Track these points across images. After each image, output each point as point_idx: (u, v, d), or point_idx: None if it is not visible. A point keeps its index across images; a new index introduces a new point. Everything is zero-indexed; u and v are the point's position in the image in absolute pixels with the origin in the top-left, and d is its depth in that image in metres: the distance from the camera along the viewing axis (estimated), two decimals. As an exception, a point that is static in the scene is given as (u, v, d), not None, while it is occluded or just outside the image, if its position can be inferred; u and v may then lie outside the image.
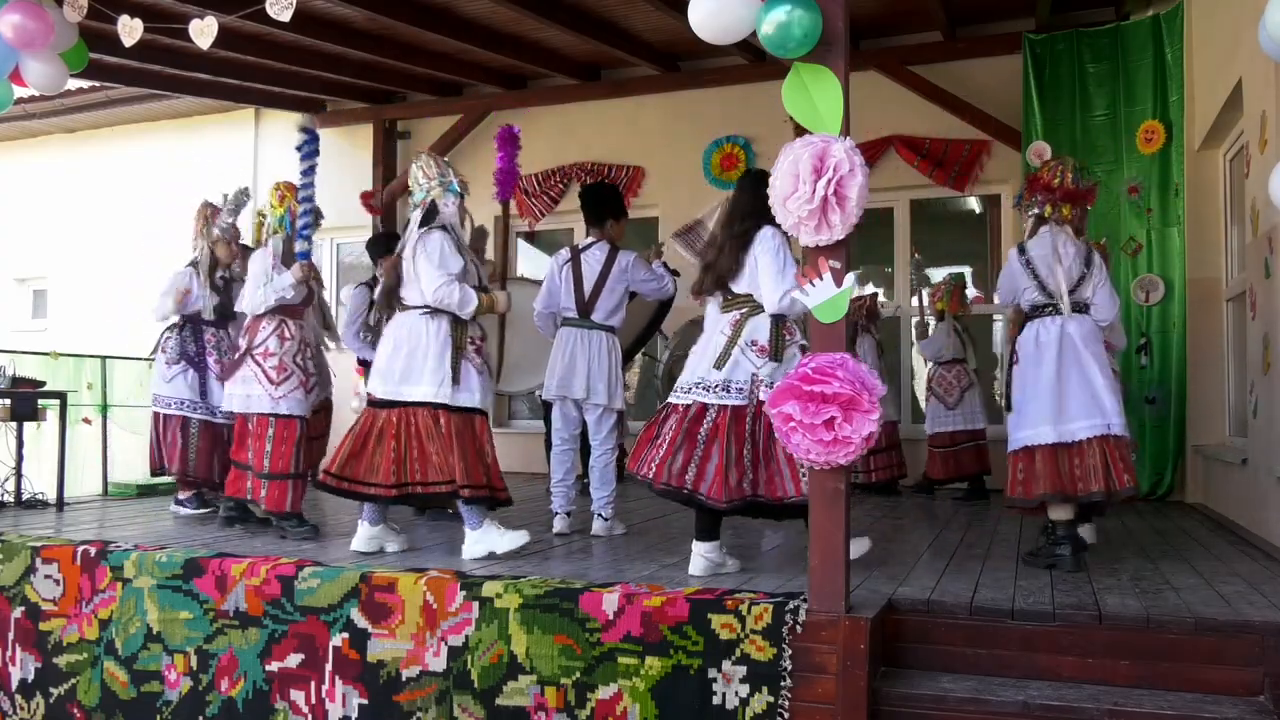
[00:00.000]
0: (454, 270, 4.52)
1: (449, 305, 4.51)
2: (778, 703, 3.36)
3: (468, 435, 4.50)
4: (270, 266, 5.22)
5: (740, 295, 4.21)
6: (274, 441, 5.12)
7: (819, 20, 3.27)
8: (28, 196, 11.64)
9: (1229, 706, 3.21)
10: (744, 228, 4.20)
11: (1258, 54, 4.34)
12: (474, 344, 4.60)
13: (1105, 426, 4.35)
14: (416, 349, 4.53)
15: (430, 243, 4.55)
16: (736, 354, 4.09)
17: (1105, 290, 4.54)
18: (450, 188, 4.67)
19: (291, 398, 5.18)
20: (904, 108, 8.21)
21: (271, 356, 5.18)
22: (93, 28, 5.56)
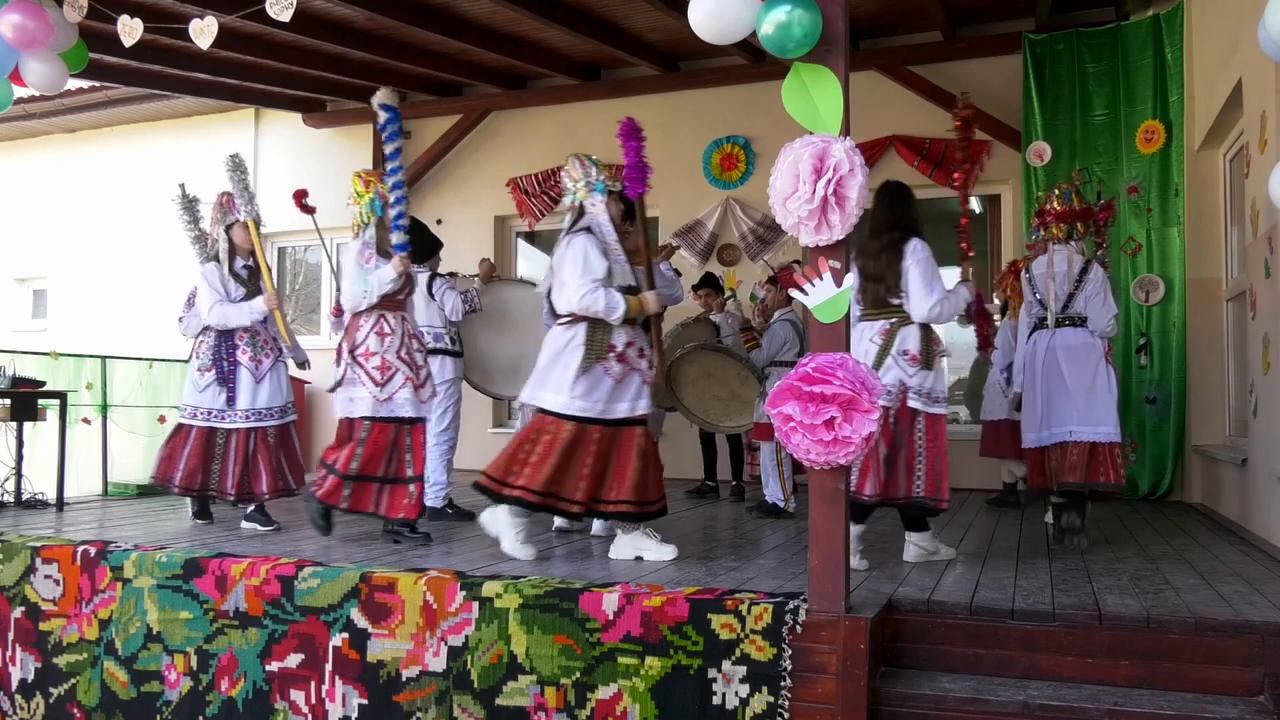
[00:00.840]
0: (598, 275, 4.37)
1: (595, 311, 4.35)
2: (778, 703, 3.36)
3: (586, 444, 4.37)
4: (365, 260, 4.88)
5: (891, 305, 4.42)
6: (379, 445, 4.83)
7: (819, 20, 3.27)
8: (28, 196, 11.65)
9: (1229, 706, 3.20)
10: (893, 239, 4.40)
11: (1258, 54, 4.35)
12: (614, 352, 4.40)
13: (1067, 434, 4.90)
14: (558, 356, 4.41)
15: (573, 248, 4.42)
16: (889, 362, 4.35)
17: (1097, 302, 4.96)
18: (596, 187, 4.56)
19: (398, 398, 4.86)
20: (904, 108, 8.21)
21: (373, 356, 4.85)
22: (93, 28, 5.57)
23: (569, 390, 4.34)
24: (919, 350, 4.35)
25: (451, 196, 9.62)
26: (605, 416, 4.38)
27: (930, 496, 4.33)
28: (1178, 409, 7.10)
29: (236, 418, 5.54)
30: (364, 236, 4.94)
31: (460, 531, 5.33)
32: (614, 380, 4.39)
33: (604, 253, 4.43)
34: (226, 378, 5.52)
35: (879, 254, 4.45)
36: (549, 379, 4.41)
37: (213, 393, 5.53)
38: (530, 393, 4.48)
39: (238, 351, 5.54)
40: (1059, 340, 4.97)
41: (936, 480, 4.34)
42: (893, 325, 4.41)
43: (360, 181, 4.99)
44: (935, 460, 4.35)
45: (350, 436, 4.89)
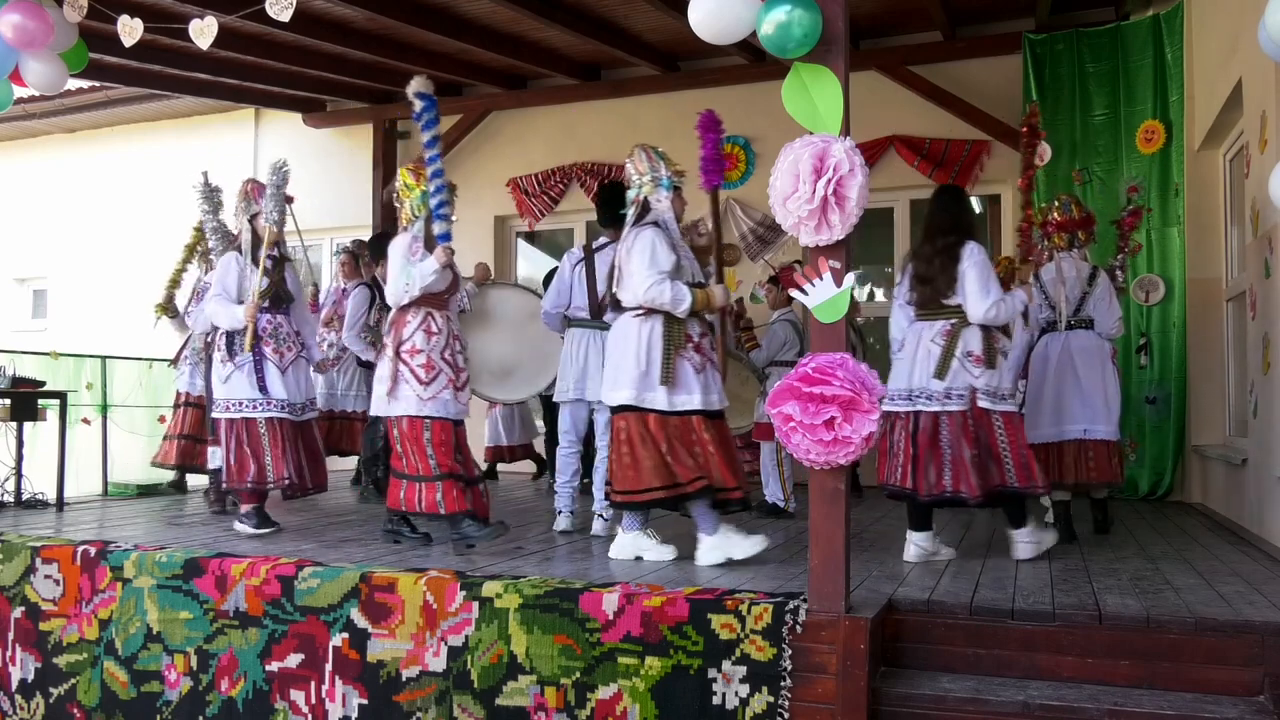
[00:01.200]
0: (665, 268, 4.34)
1: (661, 304, 4.33)
2: (778, 703, 3.36)
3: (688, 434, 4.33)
4: (413, 254, 4.74)
5: (949, 306, 4.47)
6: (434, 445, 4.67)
7: (819, 20, 3.27)
8: (28, 196, 11.66)
9: (1229, 706, 3.21)
10: (948, 242, 4.48)
11: (1258, 54, 4.34)
12: (692, 342, 4.38)
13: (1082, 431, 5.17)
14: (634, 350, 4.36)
15: (641, 240, 4.39)
16: (955, 365, 4.41)
17: (1104, 306, 5.27)
18: (663, 183, 4.52)
19: (442, 397, 4.72)
20: (904, 108, 8.21)
21: (419, 354, 4.71)
22: (93, 28, 5.57)
23: (658, 385, 4.30)
24: (982, 350, 4.42)
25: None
26: (704, 408, 4.36)
27: (1025, 485, 4.41)
28: (1178, 409, 7.10)
29: (271, 407, 5.29)
30: (413, 230, 4.82)
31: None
32: (695, 370, 4.36)
33: (672, 247, 4.41)
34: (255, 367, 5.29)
35: (932, 257, 4.52)
36: (635, 377, 4.34)
37: (238, 382, 5.28)
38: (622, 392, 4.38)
39: (261, 343, 5.33)
40: (1072, 342, 5.22)
41: (1026, 470, 4.41)
42: (954, 326, 4.47)
43: (410, 174, 4.86)
44: (1020, 451, 4.43)
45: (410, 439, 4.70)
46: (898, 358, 4.66)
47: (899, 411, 4.52)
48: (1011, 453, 4.42)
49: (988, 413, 4.43)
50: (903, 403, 4.52)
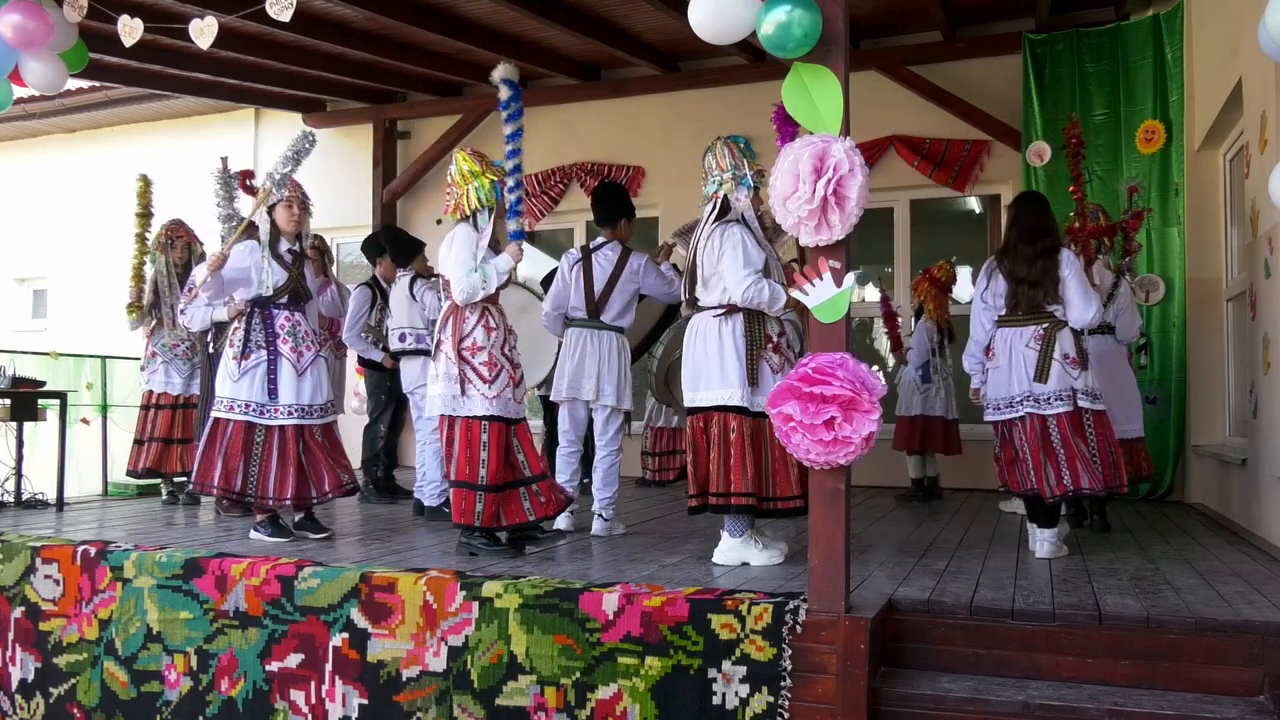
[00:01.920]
0: (759, 266, 4.27)
1: (759, 303, 4.26)
2: (778, 703, 3.36)
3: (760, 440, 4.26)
4: (480, 248, 4.51)
5: (1043, 310, 4.63)
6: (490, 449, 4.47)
7: (819, 20, 3.27)
8: (28, 196, 11.66)
9: (1229, 706, 3.21)
10: (1047, 245, 4.63)
11: (1258, 54, 4.35)
12: (771, 342, 4.32)
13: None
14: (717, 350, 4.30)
15: (730, 237, 4.29)
16: (1056, 368, 4.56)
17: (1127, 314, 5.51)
18: (744, 181, 4.41)
19: (505, 397, 4.52)
20: (904, 108, 8.21)
21: (480, 351, 4.50)
22: (93, 28, 5.57)
23: (742, 384, 4.26)
24: (1076, 353, 4.58)
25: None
26: None
27: (1111, 485, 4.59)
28: (1178, 409, 7.10)
29: (279, 414, 5.01)
30: (481, 222, 4.57)
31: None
32: (775, 371, 4.29)
33: (759, 244, 4.35)
34: (269, 367, 5.00)
35: (1034, 259, 4.62)
36: (722, 376, 4.29)
37: (249, 383, 4.97)
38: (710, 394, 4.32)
39: (278, 340, 5.04)
40: (1093, 347, 5.27)
41: (1115, 470, 4.60)
42: (1047, 330, 4.61)
43: (475, 160, 4.61)
44: (1109, 450, 4.61)
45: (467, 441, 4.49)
46: (992, 367, 4.77)
47: (1010, 418, 4.69)
48: (1101, 453, 4.59)
49: (1084, 412, 4.59)
50: (1008, 410, 4.69)
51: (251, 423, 4.99)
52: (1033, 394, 4.59)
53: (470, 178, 4.58)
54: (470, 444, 4.48)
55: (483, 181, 4.56)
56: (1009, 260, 4.70)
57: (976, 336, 4.86)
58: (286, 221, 5.11)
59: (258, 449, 4.99)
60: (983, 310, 4.81)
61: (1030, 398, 4.60)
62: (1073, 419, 4.56)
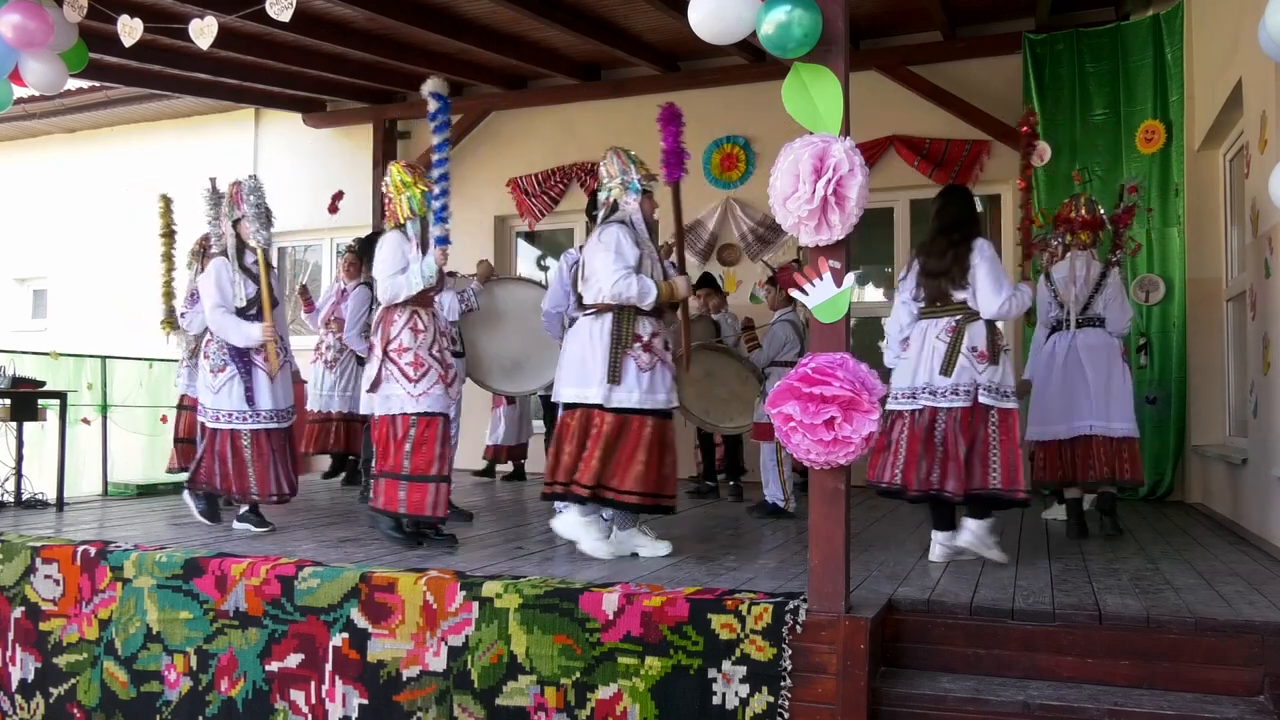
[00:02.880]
0: (630, 262, 4.43)
1: (628, 297, 4.41)
2: (778, 703, 3.36)
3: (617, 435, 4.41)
4: (408, 253, 4.79)
5: (954, 302, 4.49)
6: (414, 442, 4.71)
7: (819, 20, 3.27)
8: (28, 196, 11.65)
9: (1229, 706, 3.21)
10: (960, 235, 4.51)
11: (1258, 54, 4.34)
12: (640, 341, 4.45)
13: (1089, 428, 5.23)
14: (584, 349, 4.47)
15: (606, 236, 4.49)
16: (962, 361, 4.40)
17: (1116, 305, 5.32)
18: (632, 186, 4.60)
19: (432, 394, 4.76)
20: (904, 108, 8.21)
21: (406, 352, 4.77)
22: (93, 28, 5.57)
23: (603, 383, 4.39)
24: (986, 346, 4.41)
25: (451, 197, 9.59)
26: (644, 406, 4.42)
27: (1007, 488, 4.37)
28: (1178, 409, 7.10)
29: (260, 419, 5.36)
30: (410, 229, 4.86)
31: (460, 532, 5.33)
32: (643, 370, 4.42)
33: (636, 243, 4.49)
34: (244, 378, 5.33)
35: (944, 251, 4.52)
36: (584, 373, 4.45)
37: (228, 393, 5.33)
38: (569, 390, 4.50)
39: (250, 350, 5.36)
40: (1080, 340, 5.27)
41: (1011, 472, 4.38)
42: (959, 323, 4.45)
43: (406, 171, 4.92)
44: (1009, 453, 4.38)
45: (394, 436, 4.75)
46: (902, 358, 4.63)
47: (902, 410, 4.51)
48: (1001, 454, 4.37)
49: (986, 409, 4.41)
50: (906, 401, 4.52)
51: (236, 429, 5.34)
52: (932, 386, 4.42)
53: (403, 188, 4.88)
54: (395, 438, 4.72)
55: (414, 192, 4.85)
56: (923, 254, 4.63)
57: (891, 332, 4.75)
58: (248, 234, 5.38)
59: (247, 453, 5.35)
60: (902, 306, 4.67)
61: (929, 390, 4.43)
62: (967, 415, 4.37)
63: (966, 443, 4.37)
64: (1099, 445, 5.21)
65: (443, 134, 4.70)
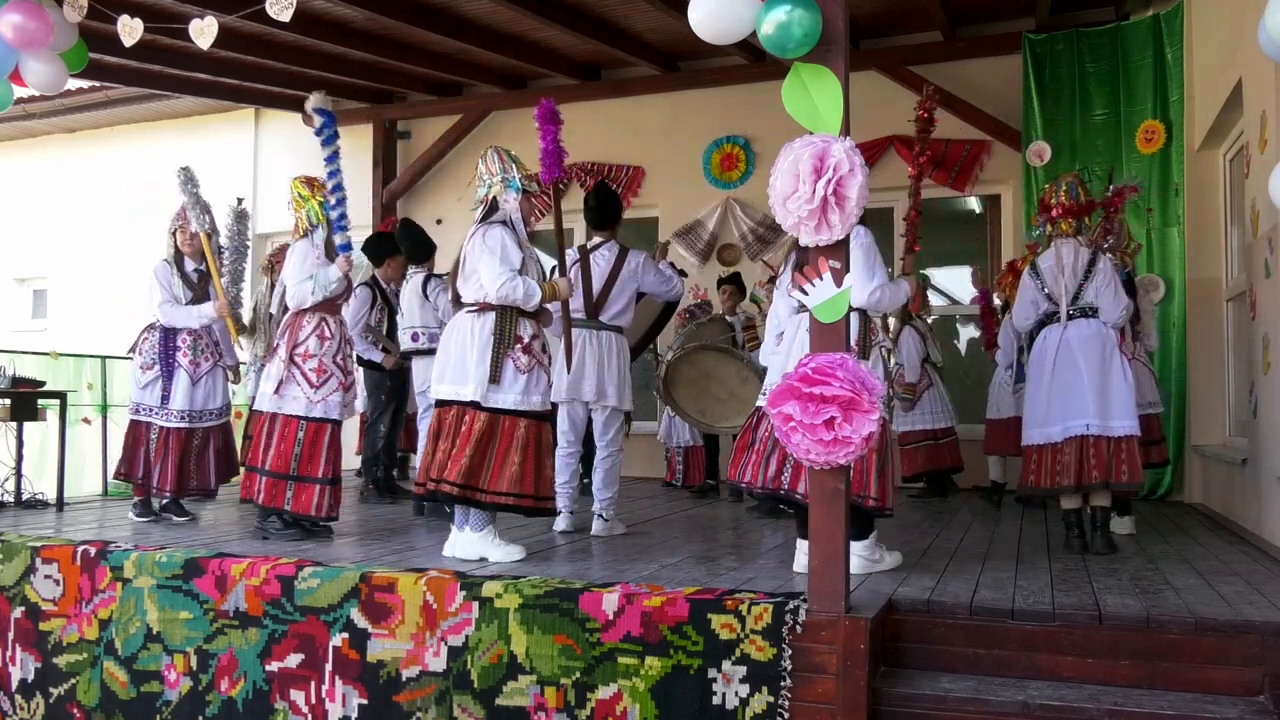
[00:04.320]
0: (515, 264, 4.46)
1: (514, 299, 4.42)
2: (778, 703, 3.36)
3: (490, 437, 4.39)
4: (314, 260, 5.06)
5: None
6: (304, 444, 4.96)
7: (819, 20, 3.27)
8: (28, 196, 11.65)
9: (1229, 706, 3.21)
10: None
11: (1258, 54, 4.34)
12: (521, 343, 4.46)
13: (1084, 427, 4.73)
14: (464, 347, 4.46)
15: (490, 237, 4.49)
16: None
17: (1109, 293, 4.83)
18: (511, 184, 4.63)
19: (329, 401, 5.02)
20: (904, 108, 8.16)
21: (311, 358, 5.01)
22: (93, 28, 5.57)
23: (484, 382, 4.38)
24: (856, 339, 4.07)
25: (451, 196, 9.60)
26: (521, 408, 4.43)
27: (857, 494, 4.00)
28: (1178, 409, 7.10)
29: (171, 417, 5.68)
30: (314, 238, 5.13)
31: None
32: (520, 371, 4.44)
33: (519, 245, 4.55)
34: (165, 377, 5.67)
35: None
36: (461, 371, 4.44)
37: (150, 390, 5.68)
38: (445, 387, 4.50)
39: (178, 353, 5.70)
40: (1072, 333, 4.82)
41: (865, 477, 4.06)
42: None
43: (303, 185, 5.17)
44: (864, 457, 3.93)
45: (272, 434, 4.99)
46: (775, 352, 4.37)
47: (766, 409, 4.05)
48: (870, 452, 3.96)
49: None
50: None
51: (149, 423, 5.72)
52: None
53: (302, 202, 5.16)
54: (285, 439, 4.97)
55: (312, 204, 5.13)
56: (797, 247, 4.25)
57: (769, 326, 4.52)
58: (184, 245, 5.77)
59: (152, 445, 5.70)
60: (780, 299, 4.43)
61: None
62: None
63: None
64: (1094, 446, 4.71)
65: (332, 145, 4.97)
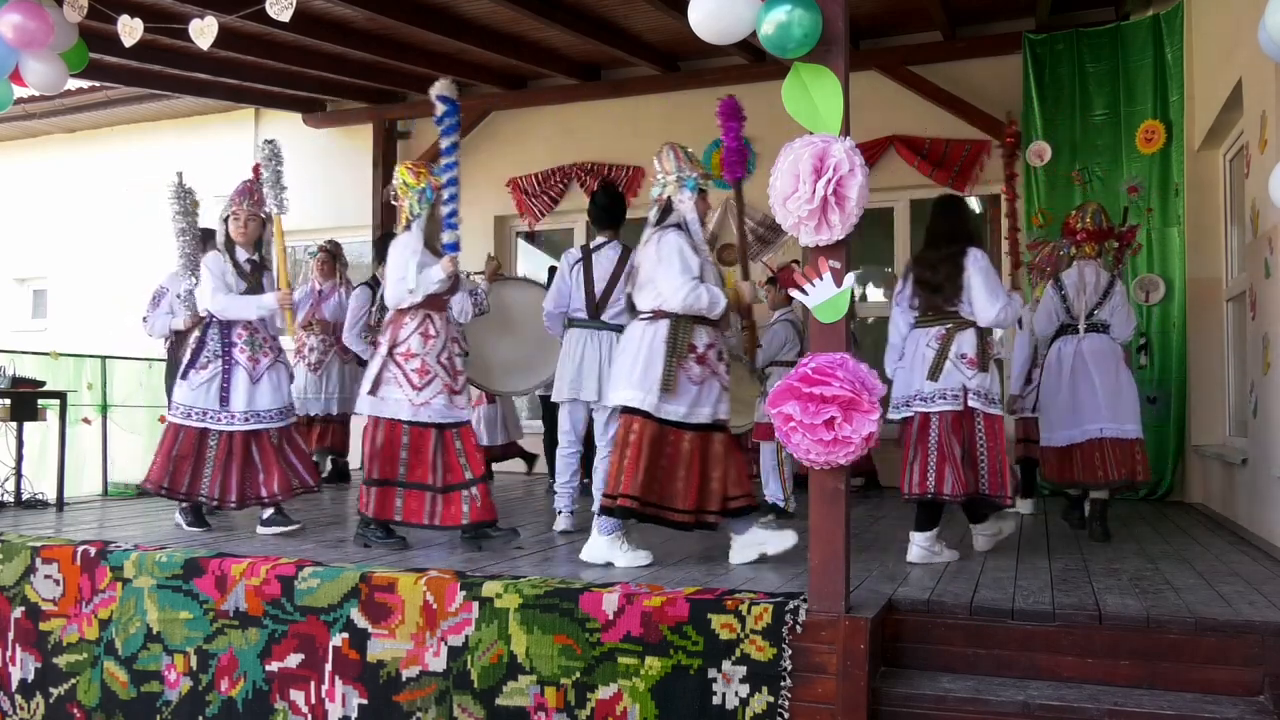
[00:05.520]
0: (696, 273, 4.29)
1: (698, 309, 4.27)
2: (778, 703, 3.36)
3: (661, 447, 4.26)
4: (415, 255, 4.68)
5: (947, 312, 4.59)
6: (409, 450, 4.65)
7: (819, 20, 3.27)
8: (28, 196, 11.65)
9: (1229, 706, 3.21)
10: (952, 250, 4.59)
11: (1258, 54, 4.34)
12: (695, 352, 4.28)
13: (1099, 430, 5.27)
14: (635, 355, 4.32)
15: (666, 244, 4.32)
16: (949, 367, 4.52)
17: (1122, 314, 5.45)
18: (688, 184, 4.40)
19: (433, 404, 4.66)
20: (904, 108, 8.21)
21: (414, 358, 4.66)
22: (93, 28, 5.57)
23: (655, 391, 4.24)
24: (976, 354, 4.50)
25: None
26: (689, 420, 4.29)
27: (995, 494, 4.51)
28: (1178, 409, 7.10)
29: (234, 420, 5.20)
30: (414, 230, 4.78)
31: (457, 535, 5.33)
32: (694, 383, 4.28)
33: (696, 249, 4.36)
34: (223, 376, 5.20)
35: (937, 264, 4.61)
36: (634, 378, 4.30)
37: (205, 391, 5.19)
38: (620, 393, 4.36)
39: (235, 350, 5.22)
40: (1087, 345, 5.37)
41: (999, 477, 4.50)
42: (948, 330, 4.56)
43: (409, 172, 4.81)
44: (996, 458, 4.51)
45: (383, 440, 4.68)
46: (899, 366, 4.75)
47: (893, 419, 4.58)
48: (989, 458, 4.51)
49: (974, 413, 4.51)
50: (904, 408, 4.64)
51: (205, 429, 5.21)
52: (922, 393, 4.55)
53: (406, 189, 4.80)
54: (392, 444, 4.67)
55: (414, 191, 4.79)
56: (916, 265, 4.75)
57: (893, 340, 4.85)
58: (235, 233, 5.31)
59: (210, 452, 5.21)
60: (899, 314, 4.79)
61: (920, 396, 4.56)
62: (957, 419, 4.48)
63: (960, 444, 4.48)
64: (1113, 447, 5.25)
65: (451, 137, 4.61)
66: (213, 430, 5.21)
